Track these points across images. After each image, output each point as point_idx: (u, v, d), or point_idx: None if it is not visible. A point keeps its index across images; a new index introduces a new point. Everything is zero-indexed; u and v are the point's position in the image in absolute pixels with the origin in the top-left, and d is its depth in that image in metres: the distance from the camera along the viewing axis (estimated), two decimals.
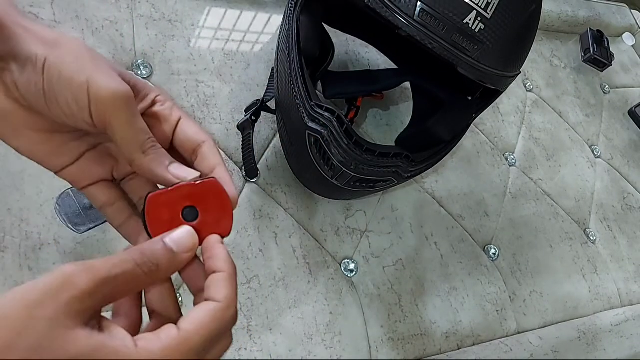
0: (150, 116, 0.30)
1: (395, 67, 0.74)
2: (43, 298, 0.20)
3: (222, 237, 0.27)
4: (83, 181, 0.30)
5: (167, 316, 0.27)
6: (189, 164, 0.30)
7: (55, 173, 0.29)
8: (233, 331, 0.51)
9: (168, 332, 0.23)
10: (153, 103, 0.30)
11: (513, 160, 0.83)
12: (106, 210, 0.30)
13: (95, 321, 0.22)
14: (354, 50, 0.75)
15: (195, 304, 0.26)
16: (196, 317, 0.24)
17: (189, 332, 0.23)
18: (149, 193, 0.27)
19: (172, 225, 0.26)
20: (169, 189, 0.27)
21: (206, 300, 0.25)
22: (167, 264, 0.25)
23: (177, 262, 0.26)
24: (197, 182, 0.27)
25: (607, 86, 1.07)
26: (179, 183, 0.27)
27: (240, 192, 0.59)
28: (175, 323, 0.24)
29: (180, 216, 0.27)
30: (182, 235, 0.26)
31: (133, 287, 0.24)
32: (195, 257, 0.27)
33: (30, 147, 0.28)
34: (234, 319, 0.25)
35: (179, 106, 0.60)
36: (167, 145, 0.30)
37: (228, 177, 0.28)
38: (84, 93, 0.25)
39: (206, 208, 0.27)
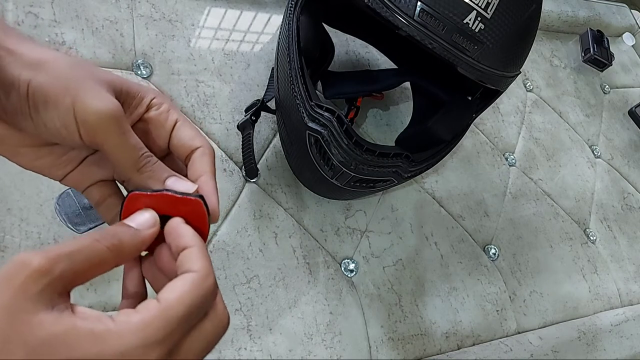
0: (146, 121, 0.29)
1: (395, 67, 0.74)
2: None
3: None
4: (84, 183, 0.30)
5: (141, 299, 0.26)
6: (184, 169, 0.30)
7: (60, 181, 0.29)
8: (233, 331, 0.51)
9: (147, 304, 0.22)
10: (148, 108, 0.29)
11: (513, 160, 0.83)
12: (100, 207, 0.30)
13: (63, 305, 0.21)
14: (354, 50, 0.75)
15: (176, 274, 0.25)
16: (175, 286, 0.23)
17: (169, 300, 0.22)
18: (132, 190, 0.27)
19: None
20: (154, 192, 0.27)
21: (183, 272, 0.24)
22: (130, 240, 0.24)
23: (139, 238, 0.25)
24: (181, 196, 0.27)
25: (607, 86, 1.07)
26: (165, 191, 0.27)
27: (240, 192, 0.59)
28: None
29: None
30: (142, 214, 0.26)
31: (96, 263, 0.23)
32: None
33: (32, 163, 0.28)
34: (214, 288, 0.24)
35: (178, 107, 0.60)
36: (164, 148, 0.30)
37: (213, 187, 0.28)
38: (71, 118, 0.25)
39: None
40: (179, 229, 0.26)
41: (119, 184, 0.31)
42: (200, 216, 0.27)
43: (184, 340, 0.23)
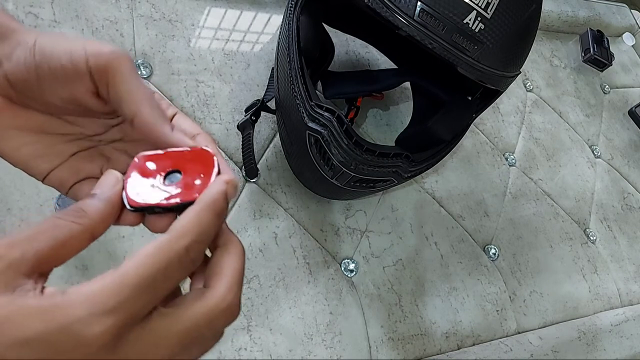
0: None
1: (395, 67, 0.74)
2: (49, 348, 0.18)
3: (189, 203, 0.25)
4: (70, 180, 0.28)
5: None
6: None
7: (42, 181, 0.27)
8: (233, 331, 0.51)
9: (103, 275, 0.20)
10: None
11: (513, 160, 0.83)
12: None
13: (30, 286, 0.20)
14: (354, 50, 0.75)
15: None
16: (138, 252, 0.21)
17: (125, 266, 0.20)
18: (142, 153, 0.26)
19: (148, 183, 0.25)
20: (160, 152, 0.26)
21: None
22: (96, 206, 0.23)
23: (104, 202, 0.23)
24: (189, 149, 0.26)
25: (607, 86, 1.07)
26: (171, 149, 0.26)
27: (240, 192, 0.59)
28: None
29: (162, 176, 0.25)
30: (104, 177, 0.24)
31: (64, 240, 0.21)
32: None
33: (17, 149, 0.26)
34: (188, 251, 0.21)
35: (178, 107, 0.60)
36: None
37: (223, 162, 0.27)
38: (81, 52, 0.24)
39: (190, 172, 0.25)
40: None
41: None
42: (206, 162, 0.25)
43: (152, 315, 0.20)
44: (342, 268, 0.60)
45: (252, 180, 0.60)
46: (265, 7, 0.72)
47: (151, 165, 0.25)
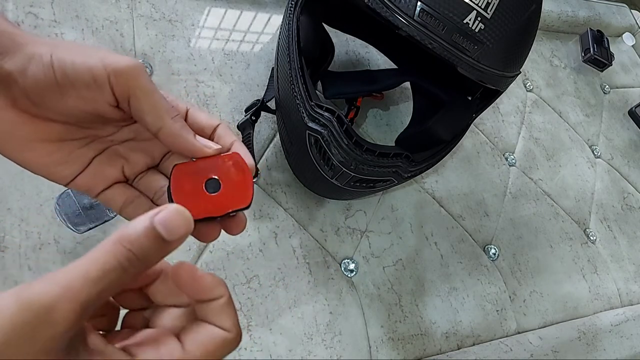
0: None
1: (395, 67, 0.74)
2: (18, 341, 0.17)
3: (244, 209, 0.27)
4: (98, 186, 0.29)
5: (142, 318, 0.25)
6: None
7: (67, 185, 0.28)
8: None
9: (171, 348, 0.21)
10: None
11: (513, 160, 0.83)
12: (126, 210, 0.29)
13: (78, 339, 0.20)
14: (354, 50, 0.75)
15: (199, 313, 0.24)
16: (203, 341, 0.22)
17: (193, 355, 0.21)
18: (175, 164, 0.27)
19: (195, 195, 0.27)
20: (194, 160, 0.28)
21: (212, 325, 0.23)
22: (156, 257, 0.22)
23: (166, 252, 0.22)
24: (220, 155, 0.28)
25: (607, 86, 1.07)
26: (203, 157, 0.28)
27: None
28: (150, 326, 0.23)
29: (203, 187, 0.27)
30: (172, 217, 0.21)
31: (116, 289, 0.21)
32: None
33: (39, 160, 0.27)
34: (235, 348, 0.24)
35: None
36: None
37: (246, 149, 0.29)
38: (102, 69, 0.25)
39: (228, 180, 0.27)
40: (205, 276, 0.23)
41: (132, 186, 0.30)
42: (241, 168, 0.28)
43: None
44: (342, 268, 0.60)
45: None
46: (265, 7, 0.72)
47: (191, 178, 0.27)
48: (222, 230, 0.28)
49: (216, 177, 0.27)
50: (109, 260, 0.20)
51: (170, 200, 0.26)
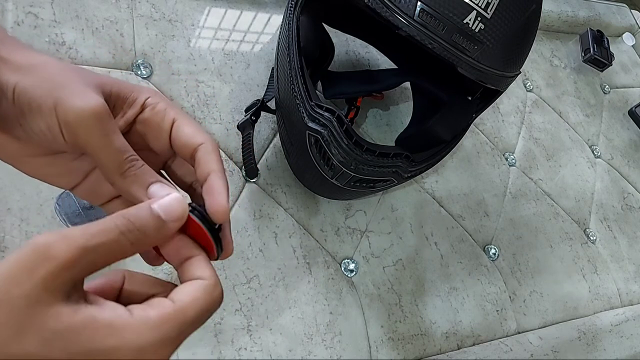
0: (142, 123, 0.28)
1: (395, 67, 0.74)
2: (18, 274, 0.19)
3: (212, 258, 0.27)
4: (98, 199, 0.29)
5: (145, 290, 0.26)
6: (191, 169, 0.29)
7: (71, 190, 0.29)
8: (233, 331, 0.51)
9: (162, 303, 0.22)
10: (143, 108, 0.28)
11: (513, 160, 0.83)
12: None
13: (78, 294, 0.21)
14: (354, 50, 0.75)
15: (181, 277, 0.25)
16: (190, 291, 0.23)
17: (184, 303, 0.23)
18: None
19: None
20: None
21: (192, 280, 0.25)
22: (154, 232, 0.23)
23: (164, 231, 0.24)
24: (198, 220, 0.26)
25: (607, 86, 1.07)
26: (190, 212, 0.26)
27: (240, 192, 0.59)
28: (152, 297, 0.24)
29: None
30: (171, 202, 0.24)
31: (116, 256, 0.22)
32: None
33: (36, 171, 0.27)
34: (221, 298, 0.25)
35: (178, 106, 0.60)
36: (168, 149, 0.29)
37: (221, 185, 0.27)
38: (54, 119, 0.24)
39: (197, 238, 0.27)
40: (184, 239, 0.26)
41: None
42: (206, 242, 0.27)
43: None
44: (342, 268, 0.60)
45: (252, 180, 0.60)
46: (265, 7, 0.72)
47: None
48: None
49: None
50: (108, 224, 0.22)
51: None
